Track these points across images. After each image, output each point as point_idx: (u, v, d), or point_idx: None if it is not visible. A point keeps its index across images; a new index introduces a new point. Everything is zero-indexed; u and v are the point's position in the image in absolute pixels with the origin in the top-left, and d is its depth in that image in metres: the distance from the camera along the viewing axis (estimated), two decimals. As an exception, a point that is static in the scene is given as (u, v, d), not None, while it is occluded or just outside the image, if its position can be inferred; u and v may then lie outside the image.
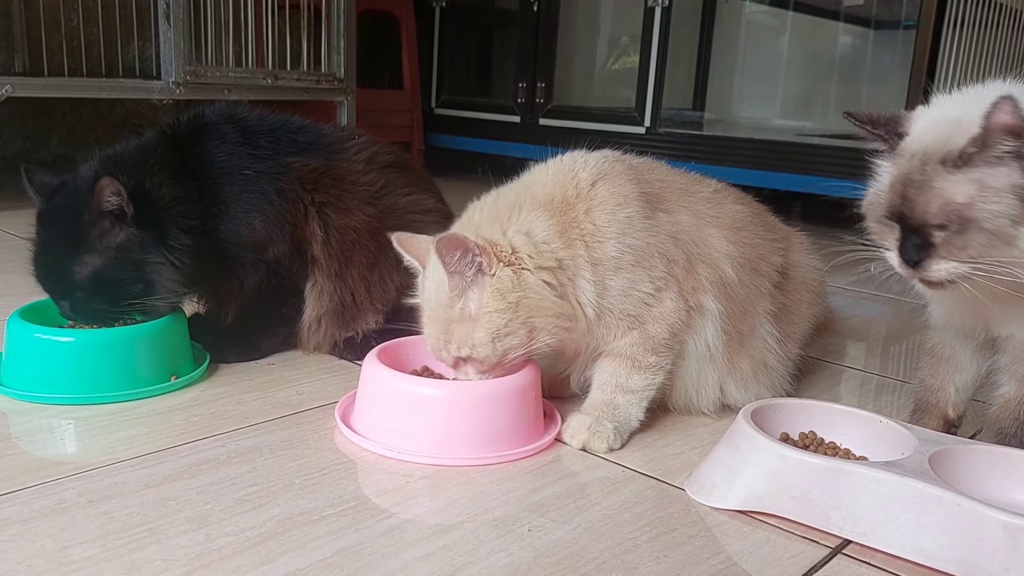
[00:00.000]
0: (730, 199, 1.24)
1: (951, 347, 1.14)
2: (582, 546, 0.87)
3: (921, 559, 0.85)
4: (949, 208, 0.89)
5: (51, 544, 0.82)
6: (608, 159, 1.16)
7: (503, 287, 1.03)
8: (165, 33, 2.62)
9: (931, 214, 0.90)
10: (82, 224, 1.21)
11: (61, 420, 1.12)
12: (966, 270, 0.90)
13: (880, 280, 1.05)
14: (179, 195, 1.28)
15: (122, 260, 1.22)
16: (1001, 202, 0.87)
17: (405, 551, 0.85)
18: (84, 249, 1.21)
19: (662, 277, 1.10)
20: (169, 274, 1.24)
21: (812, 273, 1.35)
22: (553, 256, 1.06)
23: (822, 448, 1.04)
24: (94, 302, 1.22)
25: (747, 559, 0.87)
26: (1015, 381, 1.05)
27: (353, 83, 3.17)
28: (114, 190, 1.19)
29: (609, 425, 1.10)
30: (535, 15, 3.53)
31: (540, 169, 1.17)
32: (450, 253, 1.02)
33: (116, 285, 1.22)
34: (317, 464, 1.03)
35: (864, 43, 3.76)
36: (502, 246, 1.05)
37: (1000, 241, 0.88)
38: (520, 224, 1.08)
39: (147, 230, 1.23)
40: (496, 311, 1.03)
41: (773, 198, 3.14)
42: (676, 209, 1.16)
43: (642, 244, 1.09)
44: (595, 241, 1.08)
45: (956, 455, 0.95)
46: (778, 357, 1.23)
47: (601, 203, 1.09)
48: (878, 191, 0.98)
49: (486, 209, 1.12)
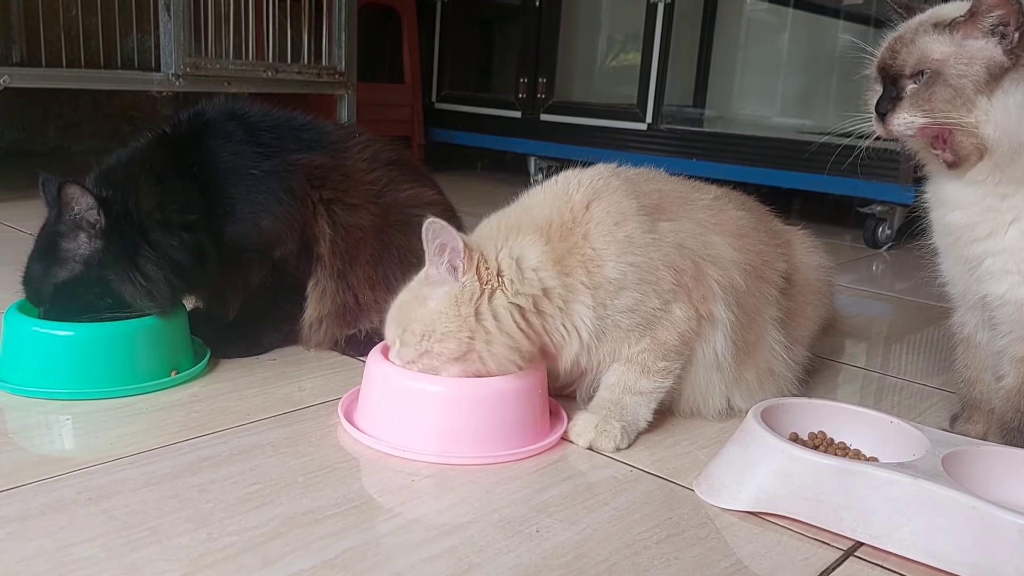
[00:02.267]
0: (731, 205, 1.22)
1: (970, 327, 1.14)
2: (591, 547, 0.86)
3: (936, 562, 0.84)
4: (924, 60, 1.00)
5: (50, 543, 0.81)
6: (602, 176, 1.14)
7: (461, 297, 1.03)
8: (165, 24, 2.60)
9: (909, 64, 1.01)
10: (54, 234, 1.19)
11: (59, 416, 1.10)
12: (922, 123, 1.00)
13: (879, 278, 1.08)
14: (179, 198, 1.25)
15: (84, 275, 1.18)
16: (971, 67, 0.97)
17: (411, 552, 0.84)
18: (53, 259, 1.19)
19: (670, 290, 1.08)
20: (132, 292, 1.19)
21: (816, 274, 1.33)
22: (539, 284, 1.05)
23: (832, 448, 1.03)
24: (62, 312, 1.19)
25: (758, 562, 0.86)
26: (1013, 368, 1.05)
27: (354, 77, 3.15)
28: (85, 202, 1.16)
29: (616, 424, 1.09)
30: (537, 10, 3.51)
31: (538, 192, 1.15)
32: (432, 240, 1.02)
33: (79, 298, 1.19)
34: (320, 462, 1.01)
35: (865, 40, 3.75)
36: (489, 263, 1.04)
37: (959, 101, 0.97)
38: (513, 247, 1.06)
39: (115, 243, 1.19)
40: (440, 313, 1.03)
41: (773, 196, 3.15)
42: (678, 218, 1.14)
43: (645, 260, 1.07)
44: (595, 265, 1.06)
45: (969, 457, 0.93)
46: (784, 364, 1.22)
47: (598, 224, 1.07)
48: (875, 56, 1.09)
49: (489, 226, 1.11)
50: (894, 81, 1.02)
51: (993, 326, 1.08)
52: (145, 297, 1.20)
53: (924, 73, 0.99)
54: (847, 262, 2.53)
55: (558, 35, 3.56)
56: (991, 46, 0.97)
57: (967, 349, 1.15)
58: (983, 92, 0.97)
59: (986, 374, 1.13)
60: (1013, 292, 1.02)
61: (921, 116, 0.99)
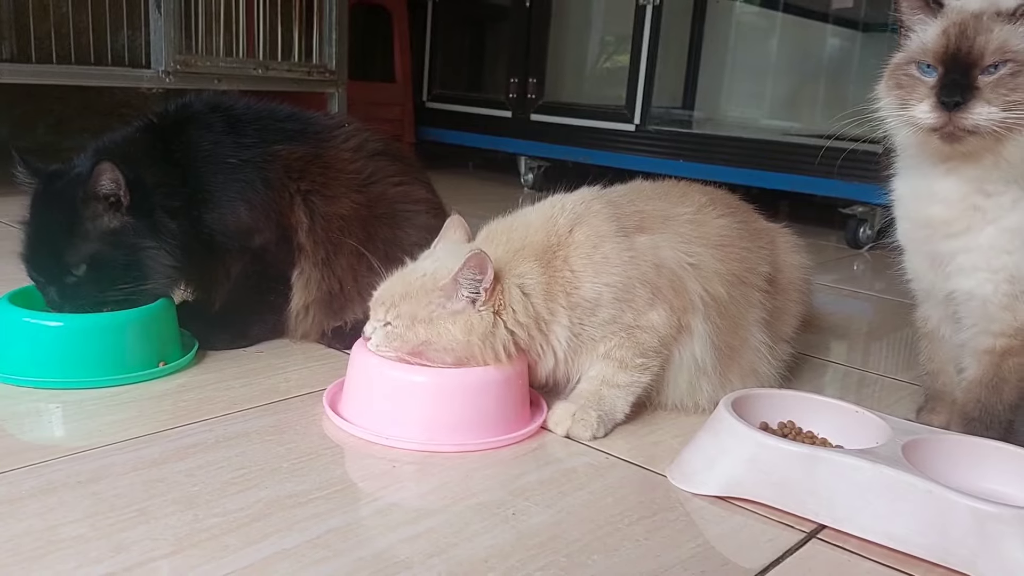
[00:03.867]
0: (713, 214, 1.24)
1: (934, 321, 1.17)
2: (564, 529, 0.89)
3: (894, 544, 0.87)
4: (1007, 48, 0.95)
5: (40, 523, 0.83)
6: (585, 200, 1.18)
7: (476, 327, 1.06)
8: (156, 22, 2.62)
9: (989, 51, 0.96)
10: (78, 209, 1.21)
11: (49, 404, 1.13)
12: (1001, 117, 0.94)
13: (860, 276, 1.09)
14: (164, 182, 1.29)
15: (116, 245, 1.22)
16: None
17: (391, 532, 0.87)
18: (79, 234, 1.22)
19: (647, 302, 1.12)
20: (164, 259, 1.25)
21: (798, 272, 1.37)
22: (533, 313, 1.10)
23: (800, 437, 1.07)
24: (84, 288, 1.22)
25: (725, 543, 0.89)
26: (975, 360, 1.09)
27: (344, 75, 3.18)
28: (112, 176, 1.20)
29: (593, 414, 1.12)
30: (527, 11, 3.54)
31: (532, 212, 1.19)
32: (473, 269, 1.05)
33: (109, 271, 1.22)
34: (305, 449, 1.04)
35: (852, 45, 3.79)
36: (504, 294, 1.08)
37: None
38: (519, 274, 1.11)
39: (141, 218, 1.24)
40: (451, 334, 1.06)
41: (760, 196, 3.18)
42: (658, 235, 1.17)
43: (621, 280, 1.11)
44: (572, 288, 1.11)
45: (928, 444, 0.97)
46: (768, 363, 1.25)
47: (577, 247, 1.12)
48: (922, 42, 1.02)
49: (500, 247, 1.13)
50: (965, 71, 0.97)
51: (957, 320, 1.11)
52: (172, 264, 1.26)
53: (1002, 64, 0.95)
54: (829, 261, 2.57)
55: (548, 36, 3.59)
56: None
57: (931, 343, 1.19)
58: None
59: (949, 366, 1.17)
60: (980, 288, 1.05)
61: (1000, 109, 0.95)
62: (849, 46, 3.80)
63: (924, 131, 1.00)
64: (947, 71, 0.98)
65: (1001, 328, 1.06)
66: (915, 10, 1.04)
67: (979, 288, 1.05)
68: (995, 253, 1.03)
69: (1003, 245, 1.02)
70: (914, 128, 1.01)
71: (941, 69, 0.99)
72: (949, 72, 0.98)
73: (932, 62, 1.00)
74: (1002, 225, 1.02)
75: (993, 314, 1.05)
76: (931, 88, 0.99)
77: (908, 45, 1.04)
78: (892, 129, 1.06)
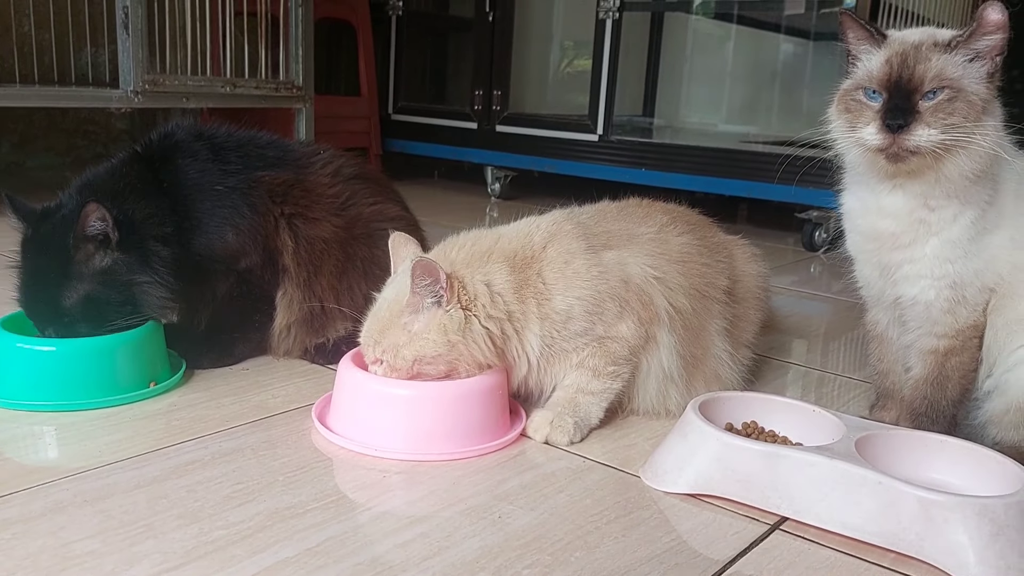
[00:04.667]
0: (675, 232, 1.32)
1: (883, 325, 1.26)
2: (548, 529, 0.96)
3: (849, 532, 0.95)
4: (944, 76, 1.05)
5: (53, 540, 0.88)
6: (557, 221, 1.26)
7: (449, 325, 1.13)
8: (124, 42, 2.64)
9: (928, 79, 1.05)
10: (68, 251, 1.25)
11: (46, 427, 1.17)
12: (941, 139, 1.04)
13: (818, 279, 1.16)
14: (155, 212, 1.33)
15: (110, 284, 1.26)
16: (979, 87, 1.05)
17: (386, 538, 0.93)
18: (71, 275, 1.25)
19: (616, 315, 1.20)
20: (157, 291, 1.30)
21: (756, 281, 1.46)
22: (505, 308, 1.16)
23: (762, 436, 1.14)
24: (80, 326, 1.26)
25: (696, 536, 0.97)
26: (920, 360, 1.18)
27: (311, 90, 3.22)
28: (100, 215, 1.24)
29: (570, 420, 1.19)
30: (491, 24, 3.61)
31: (506, 228, 1.27)
32: (421, 276, 1.11)
33: (104, 308, 1.26)
34: (298, 462, 1.10)
35: (804, 53, 3.92)
36: (467, 289, 1.15)
37: (972, 116, 1.04)
38: (486, 272, 1.17)
39: (132, 253, 1.28)
40: (431, 341, 1.13)
41: (720, 202, 3.27)
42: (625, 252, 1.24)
43: (591, 293, 1.19)
44: (544, 299, 1.18)
45: (879, 439, 1.05)
46: (730, 368, 1.34)
47: (550, 263, 1.20)
48: (868, 69, 1.11)
49: (464, 249, 1.21)
50: (907, 96, 1.06)
51: (903, 323, 1.20)
52: (166, 296, 1.31)
53: (940, 90, 1.04)
54: (787, 264, 2.67)
55: (511, 48, 3.66)
56: (986, 64, 1.06)
57: (880, 344, 1.28)
58: (983, 110, 1.05)
59: (897, 366, 1.26)
60: (924, 294, 1.14)
61: (939, 131, 1.04)
62: (802, 53, 3.92)
63: (871, 151, 1.08)
64: (891, 96, 1.07)
65: (944, 330, 1.15)
66: (861, 40, 1.13)
67: (923, 294, 1.14)
68: (939, 262, 1.12)
69: (946, 255, 1.11)
70: (862, 148, 1.09)
71: (885, 95, 1.07)
72: (893, 97, 1.06)
73: (877, 88, 1.08)
74: (945, 237, 1.11)
75: (936, 317, 1.14)
76: (877, 112, 1.07)
77: (855, 72, 1.13)
78: (842, 149, 1.14)
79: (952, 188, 1.08)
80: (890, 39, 1.11)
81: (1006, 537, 0.88)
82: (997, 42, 1.05)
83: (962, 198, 1.09)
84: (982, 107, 1.05)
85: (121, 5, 2.61)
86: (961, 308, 1.12)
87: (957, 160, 1.05)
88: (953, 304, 1.12)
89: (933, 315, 1.14)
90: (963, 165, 1.05)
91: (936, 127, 1.04)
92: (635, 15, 3.54)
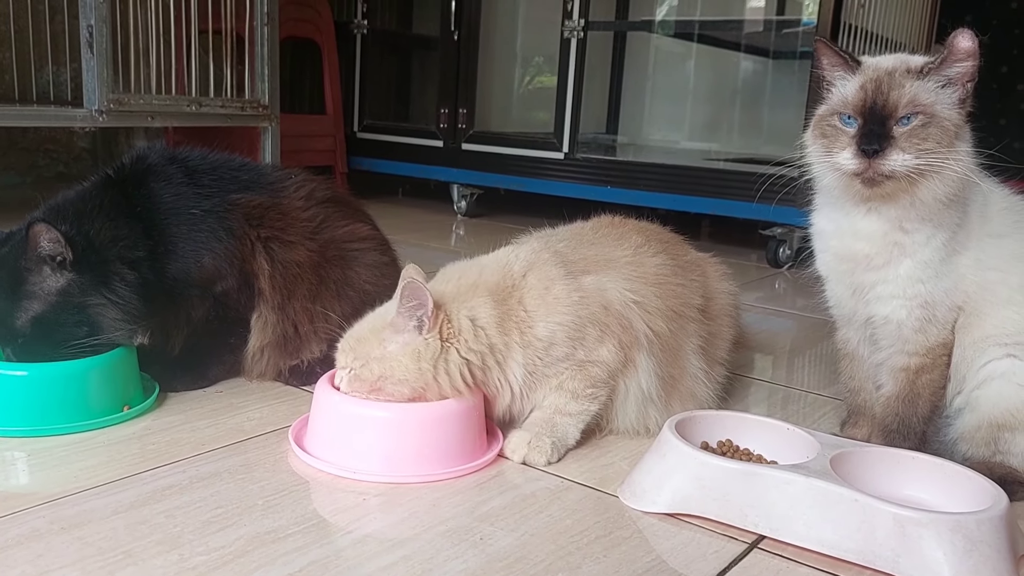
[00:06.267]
0: (649, 253, 1.34)
1: (854, 343, 1.29)
2: (530, 550, 0.97)
3: (826, 550, 0.97)
4: (917, 101, 1.08)
5: (32, 569, 0.86)
6: (536, 250, 1.28)
7: (423, 353, 1.14)
8: (88, 61, 2.61)
9: (902, 104, 1.08)
10: (19, 271, 1.24)
11: (19, 452, 1.15)
12: (915, 164, 1.06)
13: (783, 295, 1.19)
14: (124, 235, 1.32)
15: (63, 304, 1.25)
16: (952, 112, 1.08)
17: (369, 562, 0.92)
18: (23, 295, 1.24)
19: (596, 339, 1.21)
20: (113, 313, 1.27)
21: (728, 299, 1.48)
22: (487, 341, 1.18)
23: (738, 454, 1.16)
24: (37, 347, 1.24)
25: (675, 556, 0.98)
26: (892, 378, 1.21)
27: (277, 109, 3.20)
28: (50, 236, 1.22)
29: (547, 440, 1.20)
30: (456, 42, 3.63)
31: (486, 258, 1.29)
32: (408, 298, 1.13)
33: (58, 329, 1.25)
34: (276, 486, 1.09)
35: (764, 71, 4.00)
36: (452, 323, 1.16)
37: (946, 141, 1.07)
38: (471, 307, 1.19)
39: (87, 274, 1.26)
40: (401, 364, 1.14)
41: (683, 219, 3.32)
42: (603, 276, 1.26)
43: (572, 319, 1.20)
44: (527, 326, 1.20)
45: (853, 457, 1.08)
46: (705, 386, 1.36)
47: (530, 290, 1.21)
48: (843, 95, 1.13)
49: (451, 283, 1.22)
50: (882, 122, 1.08)
51: (875, 342, 1.23)
52: (123, 318, 1.28)
53: (914, 115, 1.07)
54: (752, 281, 2.71)
55: (477, 66, 3.69)
56: (957, 91, 1.09)
57: (851, 362, 1.31)
58: (956, 136, 1.08)
59: (868, 384, 1.29)
60: (895, 313, 1.17)
61: (914, 156, 1.06)
62: (761, 71, 4.01)
63: (847, 175, 1.11)
64: (866, 122, 1.09)
65: (915, 348, 1.18)
66: (836, 67, 1.16)
67: (895, 313, 1.17)
68: (911, 283, 1.15)
69: (918, 276, 1.14)
70: (839, 173, 1.12)
71: (860, 120, 1.10)
72: (868, 123, 1.09)
73: (852, 113, 1.11)
74: (918, 258, 1.14)
75: (908, 336, 1.17)
76: (852, 137, 1.10)
77: (830, 98, 1.15)
78: (818, 173, 1.17)
79: (926, 211, 1.11)
80: (864, 65, 1.14)
81: (980, 552, 0.90)
82: (968, 69, 1.08)
83: (935, 221, 1.12)
84: (955, 132, 1.08)
85: (85, 24, 2.58)
86: (932, 327, 1.16)
87: (931, 184, 1.08)
88: (924, 323, 1.16)
89: (905, 334, 1.17)
90: (937, 189, 1.08)
91: (911, 152, 1.07)
92: (598, 34, 3.58)
